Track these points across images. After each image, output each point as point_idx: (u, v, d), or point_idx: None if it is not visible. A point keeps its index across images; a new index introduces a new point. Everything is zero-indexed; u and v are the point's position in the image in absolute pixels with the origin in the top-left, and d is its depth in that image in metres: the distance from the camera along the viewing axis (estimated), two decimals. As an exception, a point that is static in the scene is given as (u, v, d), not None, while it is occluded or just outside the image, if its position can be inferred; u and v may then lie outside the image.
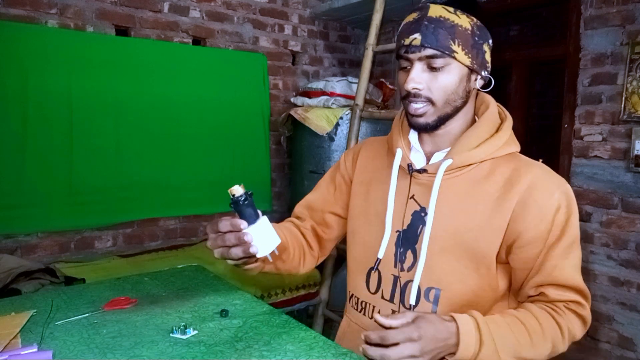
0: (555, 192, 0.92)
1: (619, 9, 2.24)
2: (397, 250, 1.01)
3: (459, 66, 0.92)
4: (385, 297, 1.03)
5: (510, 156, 0.98)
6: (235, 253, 0.89)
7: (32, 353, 0.95)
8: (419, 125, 0.97)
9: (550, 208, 0.91)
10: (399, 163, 1.03)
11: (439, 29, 0.89)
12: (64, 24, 2.46)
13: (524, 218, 0.91)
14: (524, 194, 0.91)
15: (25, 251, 2.42)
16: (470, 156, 0.95)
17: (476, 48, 0.93)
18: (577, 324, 0.96)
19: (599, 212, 2.37)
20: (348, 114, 2.75)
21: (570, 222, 0.93)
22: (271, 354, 0.98)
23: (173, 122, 2.76)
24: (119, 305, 1.23)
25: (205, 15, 2.93)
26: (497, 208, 0.93)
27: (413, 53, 0.91)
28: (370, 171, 1.12)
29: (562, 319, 0.93)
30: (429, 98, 0.93)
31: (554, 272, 0.93)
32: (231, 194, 0.91)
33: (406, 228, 1.01)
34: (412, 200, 1.01)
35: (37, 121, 2.35)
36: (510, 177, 0.94)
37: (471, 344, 0.84)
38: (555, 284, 0.94)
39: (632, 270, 2.25)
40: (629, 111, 2.20)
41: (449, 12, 0.91)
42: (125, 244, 2.73)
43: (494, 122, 1.00)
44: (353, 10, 3.18)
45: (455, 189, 0.96)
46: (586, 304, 0.97)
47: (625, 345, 2.29)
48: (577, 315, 0.96)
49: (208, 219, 3.05)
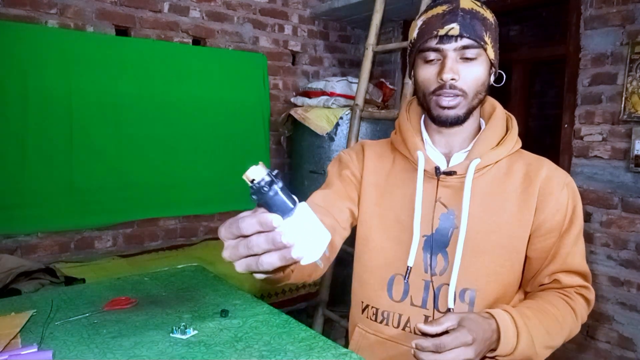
0: (565, 184, 0.96)
1: (619, 9, 2.24)
2: (425, 255, 0.99)
3: (487, 59, 0.94)
4: (415, 303, 1.00)
5: (518, 153, 1.01)
6: (270, 262, 0.57)
7: (32, 353, 0.95)
8: (450, 118, 0.94)
9: (563, 198, 0.95)
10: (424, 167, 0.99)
11: (475, 20, 0.90)
12: (64, 24, 2.46)
13: (544, 209, 0.95)
14: (543, 186, 0.96)
15: (25, 251, 2.42)
16: (495, 155, 0.97)
17: (497, 43, 0.96)
18: (584, 307, 1.01)
19: (599, 212, 2.36)
20: (348, 114, 2.75)
21: (577, 212, 0.98)
22: (271, 354, 0.98)
23: (173, 122, 2.76)
24: (119, 305, 1.22)
25: (205, 15, 2.93)
26: (522, 203, 0.96)
27: (449, 43, 0.90)
28: (381, 175, 1.07)
29: (575, 304, 0.98)
30: (463, 89, 0.92)
31: (567, 260, 0.98)
32: (248, 180, 0.57)
33: (435, 232, 0.99)
34: (438, 204, 0.99)
35: (37, 121, 2.35)
36: (527, 172, 0.98)
37: (510, 338, 0.87)
38: (567, 270, 0.99)
39: (632, 270, 2.25)
40: (629, 111, 2.20)
41: (478, 5, 0.93)
42: (125, 244, 2.73)
43: (504, 120, 1.02)
44: (353, 10, 3.18)
45: (480, 188, 0.97)
46: (591, 287, 1.02)
47: (625, 345, 2.29)
48: (584, 298, 1.01)
49: (208, 219, 3.05)
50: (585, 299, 1.01)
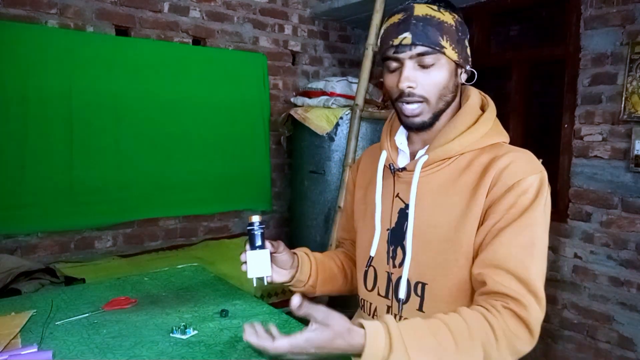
0: (529, 176, 0.90)
1: (619, 9, 2.24)
2: (388, 248, 1.04)
3: (448, 62, 0.94)
4: (381, 293, 1.05)
5: (494, 146, 0.98)
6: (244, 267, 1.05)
7: (32, 353, 0.95)
8: (416, 125, 0.98)
9: (516, 187, 0.89)
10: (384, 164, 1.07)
11: (428, 27, 0.91)
12: (64, 24, 2.46)
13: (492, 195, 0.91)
14: (496, 174, 0.91)
15: (25, 251, 2.42)
16: (446, 150, 0.96)
17: (460, 43, 0.95)
18: (519, 331, 0.81)
19: (599, 212, 2.36)
20: (348, 114, 2.75)
21: (534, 208, 0.88)
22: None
23: (173, 122, 2.76)
24: (119, 305, 1.23)
25: (205, 15, 2.93)
26: (473, 196, 0.93)
27: (403, 52, 0.93)
28: (368, 175, 1.16)
29: (497, 322, 0.81)
30: (423, 96, 0.95)
31: (499, 250, 0.86)
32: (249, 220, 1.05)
33: (394, 226, 1.04)
34: (397, 199, 1.04)
35: (37, 121, 2.35)
36: (487, 165, 0.94)
37: (379, 349, 0.75)
38: (498, 265, 0.85)
39: (632, 270, 2.25)
40: (629, 111, 2.20)
41: (434, 9, 0.93)
42: (125, 244, 2.73)
43: (472, 114, 1.00)
44: (353, 10, 3.18)
45: (434, 183, 0.98)
46: (532, 305, 0.82)
47: (625, 345, 2.29)
48: (517, 318, 0.82)
49: (208, 219, 3.05)
50: (518, 317, 0.81)
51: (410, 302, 0.99)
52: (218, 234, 3.08)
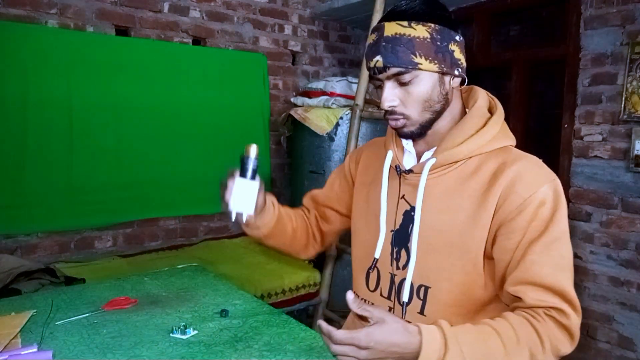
0: (543, 185, 0.89)
1: (619, 9, 2.24)
2: (392, 250, 1.04)
3: (428, 74, 0.92)
4: (383, 294, 1.05)
5: (502, 150, 0.97)
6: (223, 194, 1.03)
7: (32, 353, 0.95)
8: (405, 135, 0.99)
9: (533, 200, 0.88)
10: (389, 164, 1.06)
11: (397, 47, 0.90)
12: (64, 24, 2.46)
13: (505, 209, 0.89)
14: (507, 185, 0.90)
15: (25, 251, 2.42)
16: (454, 154, 0.96)
17: (441, 52, 0.92)
18: (561, 336, 0.85)
19: (599, 212, 2.36)
20: (348, 114, 2.75)
21: (556, 219, 0.88)
22: (271, 354, 0.98)
23: (173, 122, 2.76)
24: (119, 305, 1.23)
25: (205, 15, 2.93)
26: (482, 203, 0.92)
27: (380, 73, 0.93)
28: (371, 173, 1.15)
29: (542, 327, 0.84)
30: (403, 113, 0.95)
31: (532, 268, 0.87)
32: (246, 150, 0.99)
33: (399, 228, 1.03)
34: (402, 200, 1.03)
35: (37, 121, 2.35)
36: (496, 171, 0.93)
37: (435, 350, 0.79)
38: (533, 282, 0.87)
39: (632, 270, 2.25)
40: (629, 111, 2.20)
41: (404, 26, 0.90)
42: (125, 244, 2.73)
43: (480, 117, 0.99)
44: (353, 10, 3.18)
45: (441, 187, 0.97)
46: (571, 313, 0.86)
47: (625, 345, 2.29)
48: (559, 324, 0.85)
49: (208, 219, 3.05)
50: (561, 325, 0.85)
51: (412, 304, 0.99)
52: (218, 234, 3.08)
